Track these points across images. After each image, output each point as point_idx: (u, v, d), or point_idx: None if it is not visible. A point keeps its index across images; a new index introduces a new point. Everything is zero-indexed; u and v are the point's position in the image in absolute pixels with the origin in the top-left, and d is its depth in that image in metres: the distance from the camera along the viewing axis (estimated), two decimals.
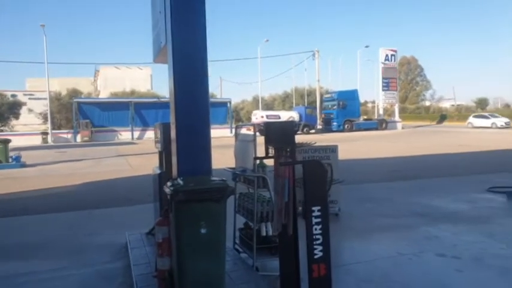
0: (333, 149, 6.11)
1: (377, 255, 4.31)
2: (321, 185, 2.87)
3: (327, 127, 34.78)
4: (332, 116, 34.78)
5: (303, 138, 7.26)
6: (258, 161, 3.79)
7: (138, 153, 18.09)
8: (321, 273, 2.82)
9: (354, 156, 14.06)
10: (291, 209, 3.03)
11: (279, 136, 3.31)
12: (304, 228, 2.85)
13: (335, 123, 34.20)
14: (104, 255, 4.48)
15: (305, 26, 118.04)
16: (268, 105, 51.56)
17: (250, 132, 4.02)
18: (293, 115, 33.14)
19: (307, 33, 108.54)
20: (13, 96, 41.56)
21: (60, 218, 6.40)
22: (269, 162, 3.54)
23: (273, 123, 3.50)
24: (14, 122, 38.52)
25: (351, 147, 18.31)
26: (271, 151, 3.40)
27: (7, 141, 14.53)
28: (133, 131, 30.93)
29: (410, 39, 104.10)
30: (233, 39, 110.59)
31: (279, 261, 3.25)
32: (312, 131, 33.35)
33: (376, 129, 35.18)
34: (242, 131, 4.52)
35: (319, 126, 35.79)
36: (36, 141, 27.65)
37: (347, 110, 34.37)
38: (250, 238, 3.85)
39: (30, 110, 41.67)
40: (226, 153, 7.05)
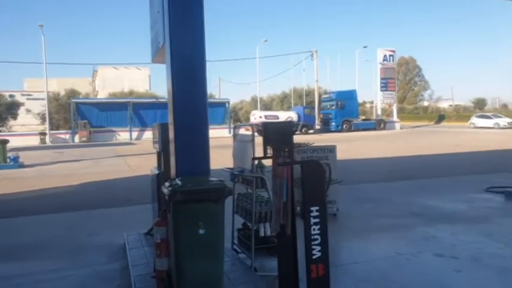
0: (331, 149, 6.12)
1: (375, 256, 4.31)
2: (319, 185, 2.87)
3: (326, 127, 34.84)
4: (330, 116, 34.81)
5: (301, 138, 7.26)
6: (256, 161, 3.79)
7: (137, 154, 18.07)
8: (320, 274, 2.82)
9: (352, 157, 14.08)
10: (289, 209, 3.03)
11: (278, 136, 3.31)
12: (302, 229, 2.85)
13: (333, 124, 34.23)
14: (102, 256, 4.47)
15: (304, 26, 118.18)
16: (266, 106, 51.63)
17: (248, 133, 4.02)
18: (291, 115, 33.14)
19: (306, 34, 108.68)
20: (11, 96, 41.52)
21: (58, 218, 6.39)
22: (267, 163, 3.54)
23: (272, 124, 3.50)
24: (11, 122, 38.52)
25: (349, 147, 18.33)
26: (270, 151, 3.40)
27: (5, 142, 14.49)
28: (131, 131, 30.90)
29: (409, 39, 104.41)
30: (232, 39, 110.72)
31: (277, 261, 3.25)
32: (310, 131, 33.35)
33: (374, 130, 35.21)
34: (240, 131, 4.52)
35: (318, 127, 35.86)
36: (34, 141, 27.60)
37: (345, 110, 34.41)
38: (248, 238, 3.85)
39: (28, 110, 41.66)
40: (224, 154, 7.06)
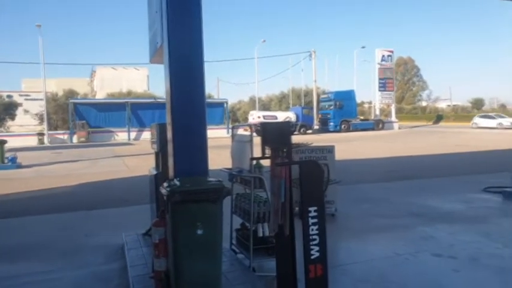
0: (330, 150, 6.12)
1: (374, 256, 4.31)
2: (318, 186, 2.87)
3: (324, 127, 34.83)
4: (329, 116, 34.81)
5: (299, 138, 7.27)
6: (254, 162, 3.79)
7: (135, 154, 18.04)
8: (318, 274, 2.81)
9: (351, 157, 14.09)
10: (288, 209, 3.03)
11: (276, 136, 3.31)
12: (300, 229, 2.85)
13: (332, 124, 34.24)
14: (100, 257, 4.46)
15: (303, 26, 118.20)
16: (265, 106, 51.63)
17: (247, 133, 4.02)
18: (290, 115, 33.17)
19: (304, 34, 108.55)
20: (9, 97, 41.53)
21: (56, 219, 6.37)
22: (266, 163, 3.54)
23: (270, 124, 3.50)
24: (9, 122, 38.43)
25: (348, 147, 18.35)
26: (268, 151, 3.39)
27: (3, 142, 14.45)
28: (129, 131, 30.85)
29: (408, 40, 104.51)
30: (231, 39, 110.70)
31: (275, 261, 3.24)
32: (308, 131, 33.35)
33: (372, 130, 35.24)
34: (239, 131, 4.53)
35: (316, 127, 35.87)
36: (32, 142, 27.54)
37: (344, 110, 34.42)
38: (247, 239, 3.84)
39: (26, 110, 41.53)
40: (222, 154, 7.04)
